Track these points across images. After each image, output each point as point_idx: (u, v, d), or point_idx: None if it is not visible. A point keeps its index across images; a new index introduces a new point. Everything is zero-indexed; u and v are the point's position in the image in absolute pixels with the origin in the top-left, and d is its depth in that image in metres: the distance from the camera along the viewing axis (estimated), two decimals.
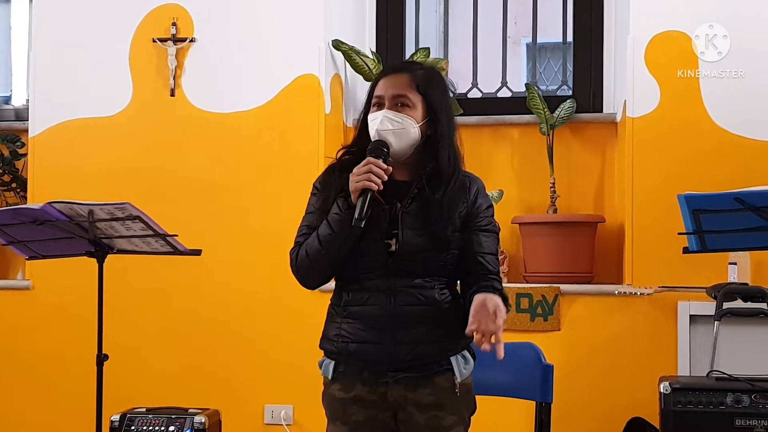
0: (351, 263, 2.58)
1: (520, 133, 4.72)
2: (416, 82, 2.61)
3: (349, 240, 2.53)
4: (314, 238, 2.58)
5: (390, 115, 2.57)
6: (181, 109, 4.65)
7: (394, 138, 2.56)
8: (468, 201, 2.61)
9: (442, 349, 2.57)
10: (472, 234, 2.60)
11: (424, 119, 2.60)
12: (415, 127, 2.58)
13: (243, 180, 4.58)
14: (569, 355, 4.20)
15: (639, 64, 4.25)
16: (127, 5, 4.72)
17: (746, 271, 4.05)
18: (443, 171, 2.58)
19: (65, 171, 4.72)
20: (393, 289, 2.55)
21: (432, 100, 2.61)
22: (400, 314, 2.54)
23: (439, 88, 2.67)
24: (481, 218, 2.62)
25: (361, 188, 2.48)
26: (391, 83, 2.61)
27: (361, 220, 2.45)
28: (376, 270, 2.55)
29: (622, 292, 4.16)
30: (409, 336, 2.54)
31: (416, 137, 2.58)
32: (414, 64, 2.80)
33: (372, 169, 2.49)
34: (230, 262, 4.54)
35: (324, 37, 4.57)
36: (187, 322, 4.58)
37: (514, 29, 5.20)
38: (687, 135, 4.21)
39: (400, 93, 2.59)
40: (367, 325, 2.56)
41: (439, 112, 2.61)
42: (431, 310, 2.56)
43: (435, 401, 2.56)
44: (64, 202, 3.31)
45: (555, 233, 4.43)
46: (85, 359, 3.73)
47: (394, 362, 2.55)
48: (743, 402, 3.52)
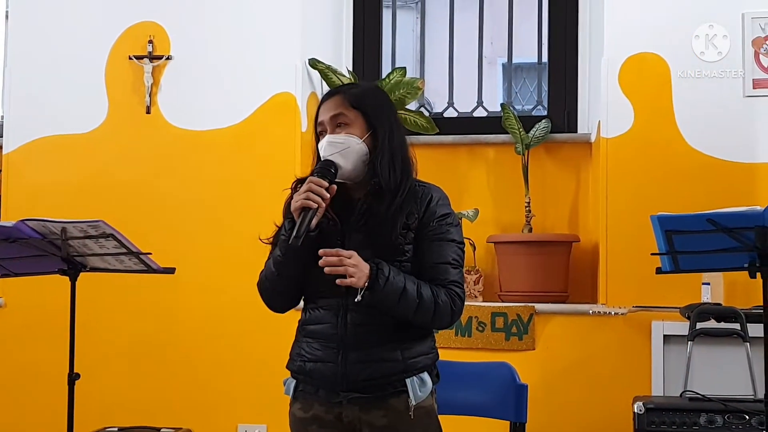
0: (308, 283, 2.59)
1: (496, 152, 4.73)
2: (348, 100, 2.62)
3: (296, 260, 2.53)
4: (270, 262, 2.62)
5: (331, 138, 2.58)
6: (156, 127, 4.64)
7: (342, 159, 2.56)
8: (419, 211, 2.58)
9: (395, 369, 2.54)
10: (424, 243, 2.57)
11: (367, 133, 2.60)
12: (359, 143, 2.58)
13: (218, 198, 4.57)
14: (544, 374, 4.20)
15: (613, 85, 4.28)
16: (103, 22, 4.71)
17: (719, 291, 4.07)
18: (385, 183, 2.56)
19: (39, 188, 4.69)
20: (344, 307, 2.55)
21: (368, 113, 2.61)
22: (351, 333, 2.53)
23: (375, 100, 2.68)
24: (434, 226, 2.58)
25: (300, 207, 2.48)
26: (326, 107, 2.64)
27: (298, 239, 2.44)
28: (329, 289, 2.53)
29: (597, 311, 4.17)
30: (362, 356, 2.53)
31: (363, 152, 2.58)
32: (348, 86, 2.81)
33: (311, 187, 2.49)
34: (204, 280, 4.52)
35: (301, 55, 4.58)
36: (160, 341, 4.55)
37: (490, 49, 5.23)
38: (660, 156, 4.24)
39: (336, 113, 2.60)
40: (322, 345, 2.57)
41: (377, 124, 2.61)
42: (385, 330, 2.54)
43: (388, 424, 2.54)
44: (37, 220, 3.28)
45: (530, 252, 4.44)
46: (56, 377, 3.70)
47: (346, 382, 2.53)
48: (716, 422, 3.53)
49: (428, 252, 2.57)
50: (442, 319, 2.57)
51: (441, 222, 2.60)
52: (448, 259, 2.58)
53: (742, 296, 3.99)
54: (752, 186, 4.15)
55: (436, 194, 2.63)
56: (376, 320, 2.54)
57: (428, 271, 2.56)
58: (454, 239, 2.61)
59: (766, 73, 4.20)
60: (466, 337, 4.29)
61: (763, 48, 4.22)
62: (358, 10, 5.03)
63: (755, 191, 4.13)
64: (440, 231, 2.59)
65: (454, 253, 2.60)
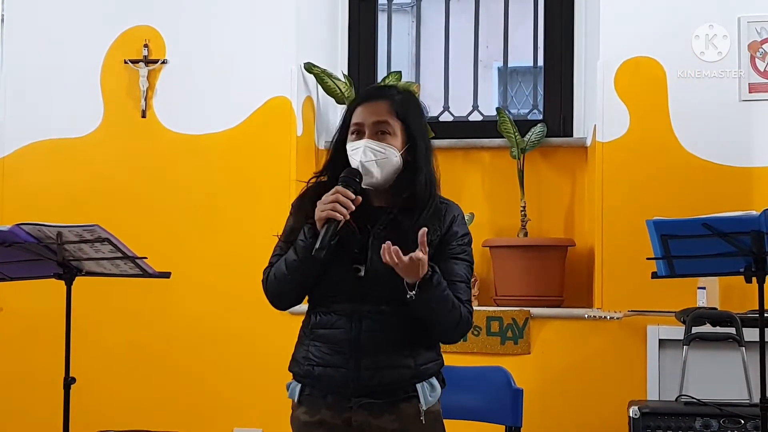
0: (320, 286, 2.57)
1: (491, 156, 4.74)
2: (395, 108, 2.59)
3: (313, 266, 2.51)
4: (282, 262, 2.57)
5: (372, 145, 2.55)
6: (152, 131, 4.64)
7: (377, 168, 2.54)
8: (442, 228, 2.58)
9: (407, 375, 2.54)
10: (442, 261, 2.56)
11: (405, 146, 2.58)
12: (397, 155, 2.56)
13: (213, 202, 4.56)
14: (539, 378, 4.20)
15: (609, 89, 4.28)
16: (99, 26, 4.71)
17: (715, 295, 4.07)
18: (419, 197, 2.56)
19: (35, 192, 4.69)
20: (359, 314, 2.53)
21: (411, 126, 2.59)
22: (365, 340, 2.52)
23: (416, 112, 2.66)
24: (453, 246, 2.59)
25: (326, 218, 2.46)
26: (370, 111, 2.58)
27: (321, 250, 2.42)
28: (344, 294, 2.54)
29: (592, 315, 4.18)
30: (374, 362, 2.52)
31: (398, 165, 2.57)
32: (391, 89, 2.73)
33: (339, 198, 2.46)
34: (199, 284, 4.51)
35: (296, 59, 4.58)
36: (156, 345, 4.55)
37: (485, 53, 5.23)
38: (656, 160, 4.24)
39: (381, 120, 2.57)
40: (332, 349, 2.55)
41: (417, 137, 2.59)
42: (397, 337, 2.54)
43: (399, 428, 2.54)
44: (33, 224, 3.28)
45: (525, 257, 4.44)
46: (52, 382, 3.69)
47: (357, 387, 2.52)
48: (712, 427, 3.53)
49: (446, 269, 2.55)
50: (458, 333, 2.61)
51: (461, 242, 2.61)
52: (464, 278, 2.60)
53: (738, 300, 3.99)
54: (748, 190, 4.15)
55: (458, 213, 2.65)
56: (388, 327, 2.53)
57: None
58: (469, 260, 2.64)
59: (762, 77, 4.21)
60: (461, 342, 4.26)
61: (759, 52, 4.23)
62: (353, 14, 5.03)
63: (751, 196, 4.14)
64: (460, 251, 2.61)
65: (468, 271, 2.63)
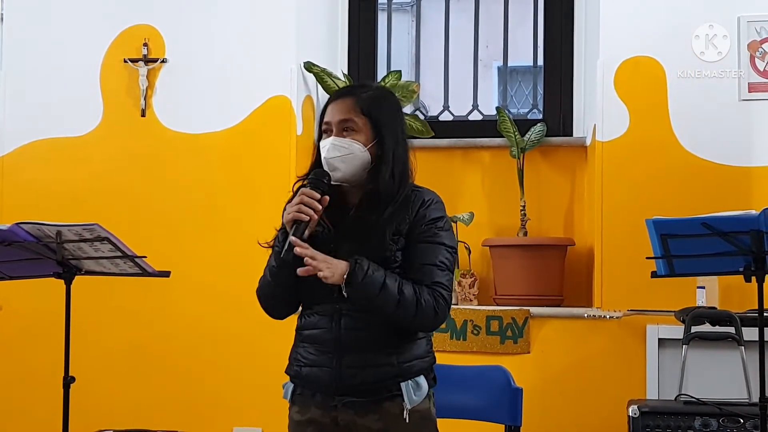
0: (303, 289, 2.60)
1: (491, 156, 4.74)
2: (360, 105, 2.61)
3: (290, 270, 2.52)
4: (266, 270, 2.64)
5: (336, 141, 2.58)
6: (152, 130, 4.63)
7: (342, 164, 2.57)
8: (410, 215, 2.58)
9: (390, 374, 2.54)
10: (412, 246, 2.56)
11: (373, 141, 2.60)
12: (363, 150, 2.58)
13: (213, 201, 4.56)
14: (539, 378, 4.20)
15: (608, 88, 4.28)
16: (98, 25, 4.71)
17: (714, 295, 4.08)
18: (382, 191, 2.57)
19: (34, 191, 4.69)
20: (338, 312, 2.56)
21: (377, 121, 2.61)
22: (345, 338, 2.55)
23: (386, 107, 2.66)
24: (423, 229, 2.57)
25: (291, 220, 2.50)
26: (336, 109, 2.63)
27: (289, 252, 2.46)
28: (323, 294, 2.56)
29: (592, 315, 4.18)
30: (357, 360, 2.54)
31: (366, 160, 2.59)
32: (361, 87, 2.77)
33: (303, 200, 2.50)
34: (199, 283, 4.51)
35: (296, 58, 4.57)
36: (156, 344, 4.55)
37: (485, 52, 5.23)
38: (656, 159, 4.24)
39: (345, 117, 2.60)
40: (317, 350, 2.59)
41: (384, 131, 2.60)
42: (380, 335, 2.54)
43: (383, 427, 2.55)
44: (32, 223, 3.28)
45: (525, 256, 4.44)
46: (51, 381, 3.69)
47: (341, 386, 2.55)
48: (711, 426, 3.53)
49: (415, 253, 2.56)
50: (425, 319, 2.54)
51: (431, 225, 2.58)
52: (435, 261, 2.56)
53: (737, 300, 3.99)
54: (747, 190, 4.16)
55: (428, 197, 2.62)
56: (370, 325, 2.54)
57: (414, 272, 2.55)
58: (443, 243, 2.59)
59: (761, 76, 4.21)
60: (461, 341, 4.29)
61: (758, 51, 4.23)
62: (353, 13, 5.03)
63: (750, 195, 4.14)
64: (429, 234, 2.58)
65: (442, 255, 2.58)
